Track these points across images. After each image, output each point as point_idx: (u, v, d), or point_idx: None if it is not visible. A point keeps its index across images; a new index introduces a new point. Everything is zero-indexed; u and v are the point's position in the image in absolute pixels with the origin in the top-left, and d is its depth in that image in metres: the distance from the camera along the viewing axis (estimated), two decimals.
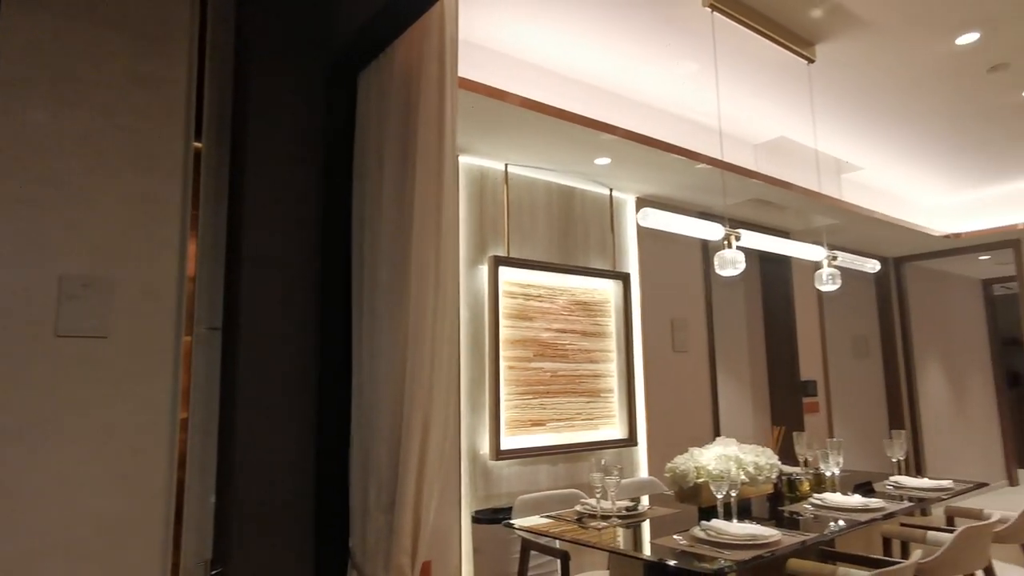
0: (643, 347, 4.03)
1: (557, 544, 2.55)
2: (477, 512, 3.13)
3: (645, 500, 2.90)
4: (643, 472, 3.91)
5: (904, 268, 6.60)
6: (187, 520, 1.75)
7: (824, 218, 4.87)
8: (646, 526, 2.41)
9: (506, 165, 3.54)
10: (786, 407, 5.19)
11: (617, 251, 4.03)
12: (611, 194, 4.04)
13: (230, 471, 1.74)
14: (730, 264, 2.49)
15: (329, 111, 2.02)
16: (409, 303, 1.78)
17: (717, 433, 4.37)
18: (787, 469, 3.12)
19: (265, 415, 1.77)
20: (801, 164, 4.32)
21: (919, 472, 6.24)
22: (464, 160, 3.40)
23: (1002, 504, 6.44)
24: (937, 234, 5.68)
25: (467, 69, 2.83)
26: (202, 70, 1.90)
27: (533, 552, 2.75)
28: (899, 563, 1.86)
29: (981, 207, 5.67)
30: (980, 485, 3.19)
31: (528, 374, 3.49)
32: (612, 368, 3.89)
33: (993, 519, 2.39)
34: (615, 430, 3.84)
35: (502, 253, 3.48)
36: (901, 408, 6.39)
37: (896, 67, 3.26)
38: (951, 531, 2.35)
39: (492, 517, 3.06)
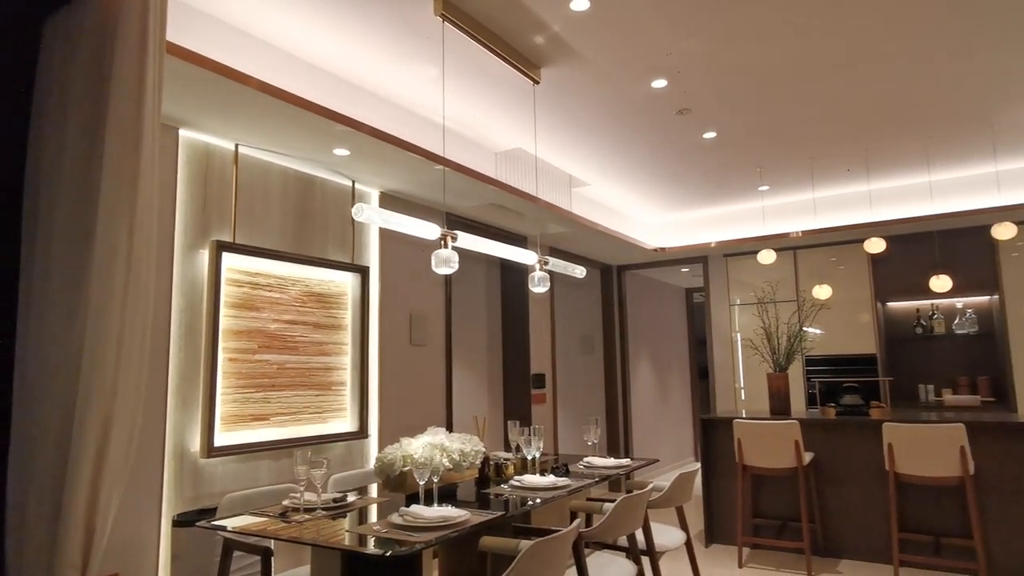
0: (379, 340, 4.08)
1: (262, 542, 2.47)
2: (180, 515, 2.91)
3: (373, 490, 2.94)
4: (373, 464, 3.95)
5: (624, 275, 7.56)
6: None
7: (557, 226, 5.37)
8: (353, 516, 2.45)
9: (236, 145, 3.34)
10: (517, 398, 5.63)
11: (357, 244, 4.03)
12: (353, 186, 4.02)
13: None
14: (444, 263, 2.64)
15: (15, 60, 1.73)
16: (90, 286, 1.60)
17: (450, 424, 4.59)
18: (503, 455, 3.40)
19: None
20: (537, 174, 4.73)
21: (627, 452, 7.19)
22: (186, 135, 3.13)
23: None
24: (648, 247, 6.60)
25: (203, 45, 2.62)
26: None
27: (238, 552, 2.64)
28: (559, 531, 2.13)
29: (681, 227, 6.72)
30: (652, 461, 3.78)
31: (252, 367, 3.33)
32: (346, 361, 3.88)
33: (647, 489, 2.85)
34: (346, 423, 3.84)
35: (227, 238, 3.27)
36: (616, 398, 7.31)
37: (607, 99, 3.73)
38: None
39: (198, 519, 2.86)
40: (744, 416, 4.71)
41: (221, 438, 3.13)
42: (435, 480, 2.45)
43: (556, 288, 6.35)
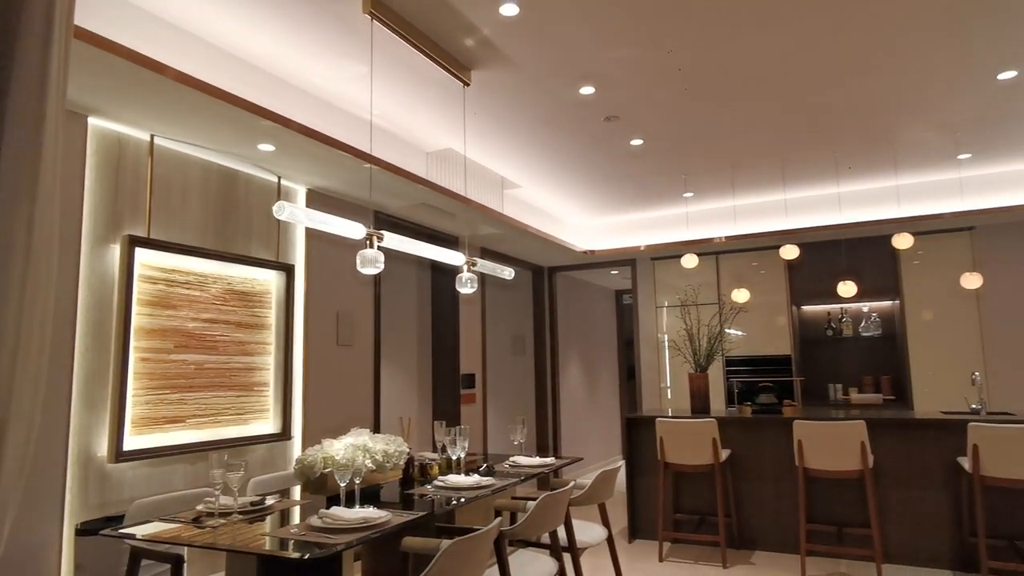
0: (305, 340, 4.00)
1: (173, 550, 2.38)
2: (84, 523, 2.77)
3: (296, 493, 2.88)
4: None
5: (555, 277, 7.68)
6: None
7: (488, 227, 5.40)
8: (272, 520, 2.40)
9: (152, 136, 3.20)
10: (447, 399, 5.62)
11: (283, 241, 3.94)
12: (279, 182, 3.93)
13: None
14: (371, 263, 2.62)
15: None
16: None
17: (377, 425, 4.54)
18: (429, 455, 3.39)
19: None
20: (470, 175, 4.74)
21: (556, 451, 7.30)
22: (97, 123, 2.98)
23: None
24: (578, 249, 6.73)
25: (121, 33, 2.50)
26: None
27: (147, 561, 2.54)
28: (479, 529, 2.15)
29: (611, 230, 6.88)
30: (576, 459, 3.85)
31: (167, 367, 3.20)
32: (269, 361, 3.78)
33: (569, 487, 2.91)
34: (268, 425, 3.74)
35: (141, 233, 3.13)
36: (546, 398, 7.41)
37: (537, 104, 3.78)
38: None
39: (104, 527, 2.73)
40: (666, 415, 4.87)
41: (131, 442, 3.00)
42: (357, 481, 2.42)
43: (487, 289, 6.39)
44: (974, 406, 4.59)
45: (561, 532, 3.15)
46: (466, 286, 3.34)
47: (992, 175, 5.36)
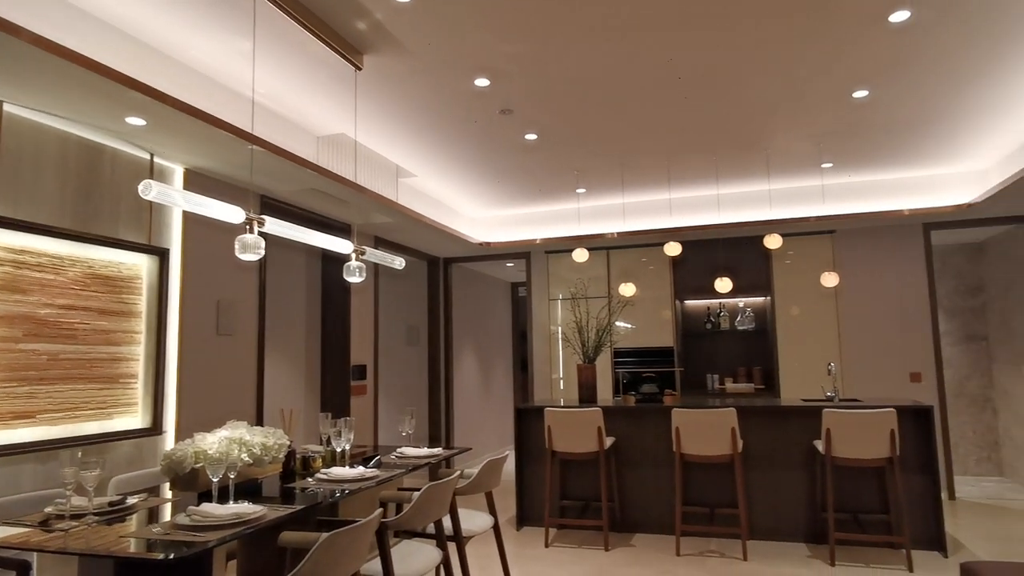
0: (180, 329, 3.76)
1: (20, 555, 2.18)
2: None
3: (168, 491, 2.70)
4: None
5: (451, 268, 7.66)
6: None
7: (382, 216, 5.30)
8: (137, 520, 2.25)
9: (1, 103, 2.89)
10: (336, 390, 5.48)
11: (156, 223, 3.68)
12: (152, 160, 3.66)
13: None
14: (251, 249, 2.50)
15: None
16: None
17: (260, 418, 4.36)
18: (313, 448, 3.30)
19: None
20: (362, 162, 4.63)
21: (448, 442, 7.31)
22: None
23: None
24: (474, 241, 6.75)
25: None
26: None
27: None
28: (358, 521, 2.12)
29: (506, 223, 6.95)
30: (465, 449, 3.88)
31: (14, 357, 2.91)
32: (138, 351, 3.53)
33: (454, 476, 2.92)
34: (136, 419, 3.49)
35: None
36: (439, 389, 7.39)
37: (431, 93, 3.75)
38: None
39: None
40: (554, 405, 4.99)
41: None
42: (231, 476, 2.32)
43: (381, 279, 6.28)
44: (829, 394, 5.03)
45: (448, 522, 3.16)
46: (355, 275, 3.26)
47: (850, 183, 5.88)
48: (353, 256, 3.31)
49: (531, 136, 4.51)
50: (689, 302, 7.24)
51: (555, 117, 4.17)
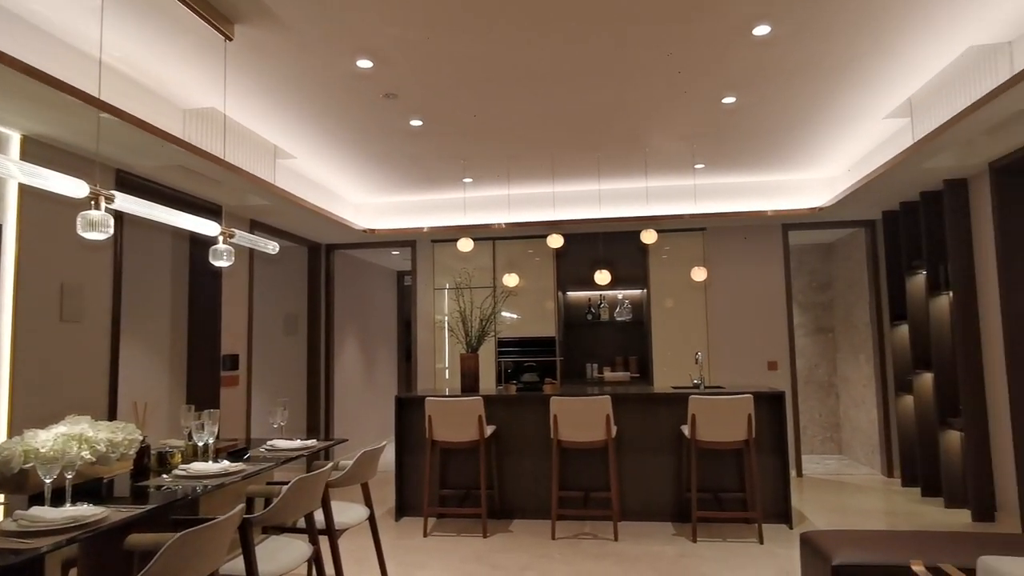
0: (14, 314, 3.37)
1: None
2: None
3: None
4: None
5: (334, 254, 7.42)
6: None
7: (258, 198, 5.03)
8: None
9: None
10: (204, 382, 5.16)
11: None
12: None
13: None
14: (97, 227, 2.28)
15: None
16: None
17: (113, 412, 4.01)
18: (174, 443, 3.07)
19: None
20: (236, 140, 4.35)
21: (328, 434, 7.10)
22: None
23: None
24: (358, 228, 6.56)
25: None
26: None
27: None
28: (214, 519, 2.00)
29: (392, 210, 6.82)
30: (341, 441, 3.78)
31: None
32: None
33: (325, 468, 2.83)
34: None
35: None
36: (319, 379, 7.15)
37: (310, 72, 3.58)
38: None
39: None
40: (436, 394, 4.97)
41: None
42: (69, 476, 2.11)
43: (257, 264, 5.96)
44: (695, 382, 5.36)
45: (319, 515, 3.06)
46: (222, 258, 3.07)
47: (720, 184, 6.27)
48: (221, 239, 3.11)
49: (416, 122, 4.44)
50: (572, 293, 7.45)
51: (441, 104, 4.13)
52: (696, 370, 6.56)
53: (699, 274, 5.79)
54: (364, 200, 6.73)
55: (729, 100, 4.13)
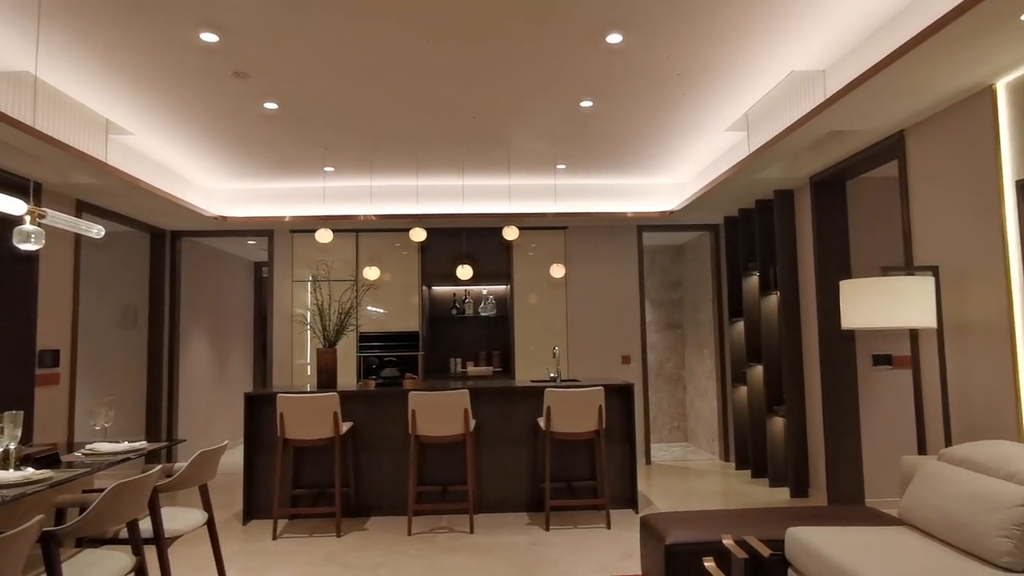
0: None
1: None
2: None
3: None
4: None
5: (181, 242, 6.88)
6: None
7: (85, 176, 4.54)
8: None
9: None
10: (15, 380, 4.58)
11: None
12: None
13: None
14: None
15: None
16: None
17: None
18: None
19: None
20: (56, 110, 3.89)
21: (170, 435, 6.57)
22: None
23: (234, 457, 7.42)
24: (208, 214, 6.13)
25: None
26: None
27: None
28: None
29: (248, 197, 6.43)
30: (178, 441, 3.50)
31: None
32: None
33: (152, 472, 2.61)
34: None
35: None
36: (161, 376, 6.60)
37: (147, 40, 3.27)
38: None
39: None
40: (287, 391, 4.76)
41: None
42: None
43: (85, 249, 5.39)
44: (552, 375, 5.53)
45: (146, 524, 2.82)
46: (28, 241, 2.72)
47: (580, 185, 6.51)
48: (28, 219, 2.76)
49: (271, 105, 4.20)
50: (437, 288, 7.42)
51: (299, 89, 3.94)
52: (554, 364, 6.77)
53: (558, 271, 5.98)
54: (216, 185, 6.29)
55: (587, 104, 4.29)
